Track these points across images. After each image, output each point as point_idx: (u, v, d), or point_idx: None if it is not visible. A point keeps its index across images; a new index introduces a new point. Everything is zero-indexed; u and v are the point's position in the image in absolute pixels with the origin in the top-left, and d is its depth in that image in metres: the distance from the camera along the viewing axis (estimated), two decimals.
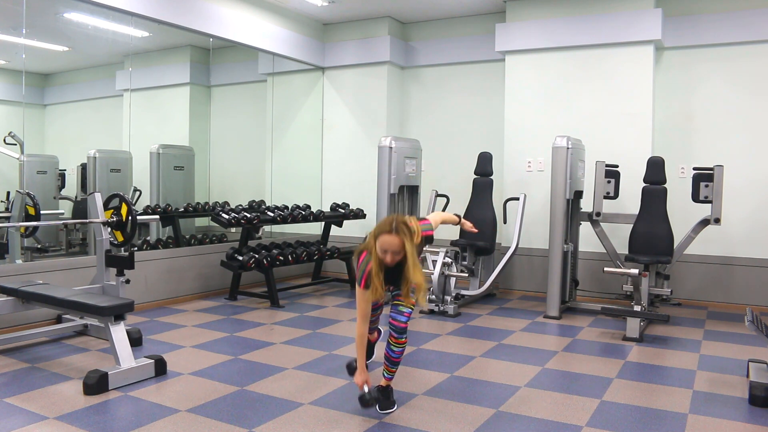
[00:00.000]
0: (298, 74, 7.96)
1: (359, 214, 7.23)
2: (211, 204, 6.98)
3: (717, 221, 5.27)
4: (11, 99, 6.20)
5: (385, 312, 3.37)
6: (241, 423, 3.05)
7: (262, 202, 7.35)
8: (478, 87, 7.28)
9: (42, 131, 7.19)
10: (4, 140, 5.69)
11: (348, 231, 7.48)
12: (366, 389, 3.12)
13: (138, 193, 6.79)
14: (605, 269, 5.05)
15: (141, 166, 6.75)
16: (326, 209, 7.33)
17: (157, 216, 6.26)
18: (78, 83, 7.46)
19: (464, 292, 5.90)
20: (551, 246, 5.54)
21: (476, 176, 6.47)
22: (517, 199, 6.09)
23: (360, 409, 3.23)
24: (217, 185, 7.60)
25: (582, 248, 6.19)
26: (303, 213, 6.69)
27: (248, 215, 6.09)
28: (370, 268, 3.04)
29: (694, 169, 5.42)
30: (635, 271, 4.84)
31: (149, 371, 3.67)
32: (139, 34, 6.46)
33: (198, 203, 6.97)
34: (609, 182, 5.70)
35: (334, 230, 7.28)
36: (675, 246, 5.48)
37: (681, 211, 5.95)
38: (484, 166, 6.42)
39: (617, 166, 5.80)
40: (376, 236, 3.00)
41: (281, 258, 6.07)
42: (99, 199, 4.56)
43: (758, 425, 3.11)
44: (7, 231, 5.33)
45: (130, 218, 4.48)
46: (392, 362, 3.23)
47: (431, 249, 5.90)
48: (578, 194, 5.79)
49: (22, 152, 5.66)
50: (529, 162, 6.57)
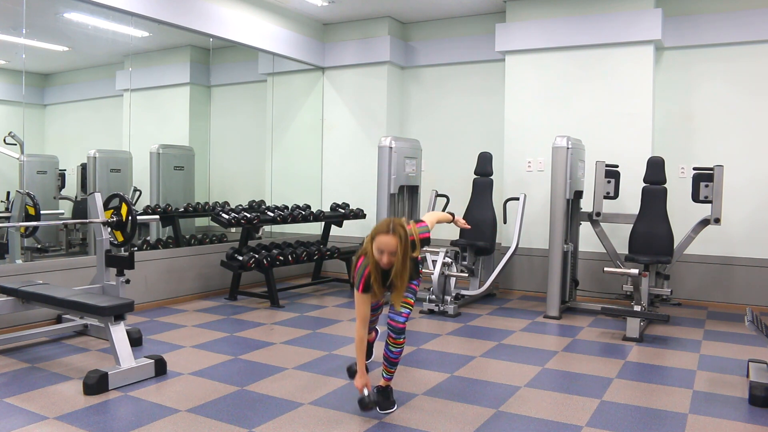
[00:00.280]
0: (298, 74, 7.96)
1: (359, 214, 7.23)
2: (211, 204, 6.98)
3: (717, 221, 5.27)
4: (11, 99, 6.20)
5: (384, 312, 3.37)
6: (241, 423, 3.05)
7: (262, 202, 7.35)
8: (478, 87, 7.28)
9: (42, 131, 7.19)
10: (4, 140, 5.69)
11: (348, 231, 7.49)
12: (366, 392, 3.12)
13: (138, 193, 6.79)
14: (605, 269, 5.05)
15: (141, 166, 6.75)
16: (326, 209, 7.34)
17: (157, 216, 6.26)
18: (78, 83, 7.46)
19: (464, 292, 5.90)
20: (551, 246, 5.54)
21: (476, 176, 6.47)
22: (517, 199, 6.09)
23: (360, 409, 3.23)
24: (217, 185, 7.60)
25: (582, 248, 6.19)
26: (303, 213, 6.69)
27: (248, 215, 6.09)
28: (368, 273, 3.04)
29: (694, 169, 5.42)
30: (635, 271, 4.84)
31: (149, 371, 3.67)
32: (139, 34, 6.46)
33: (198, 203, 6.97)
34: (609, 182, 5.70)
35: (334, 230, 7.28)
36: (675, 246, 5.48)
37: (681, 211, 5.95)
38: (484, 166, 6.42)
39: (617, 166, 5.80)
40: (373, 237, 3.01)
41: (281, 258, 6.07)
42: (99, 199, 4.56)
43: (758, 425, 3.11)
44: (7, 231, 5.33)
45: (130, 218, 4.48)
46: (391, 362, 3.23)
47: (431, 249, 5.90)
48: (578, 194, 5.79)
49: (22, 152, 5.66)
50: (529, 162, 6.57)
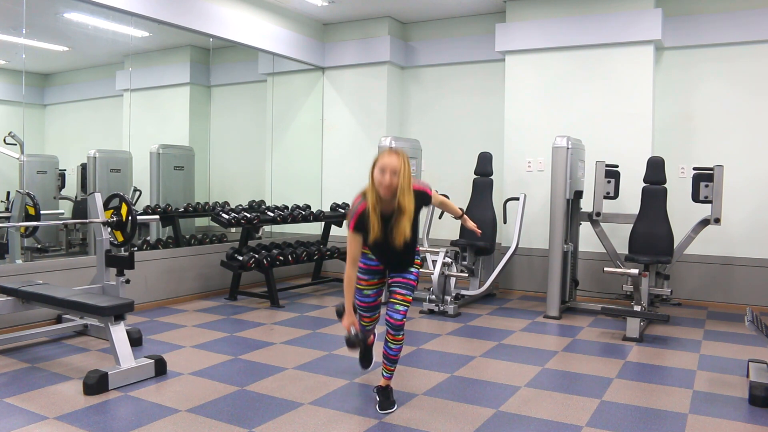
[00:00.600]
0: (298, 74, 7.96)
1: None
2: (211, 204, 6.98)
3: (717, 221, 5.27)
4: (11, 99, 6.20)
5: (381, 313, 3.37)
6: (241, 423, 3.05)
7: (262, 202, 7.35)
8: (478, 87, 7.28)
9: (42, 131, 7.20)
10: (4, 140, 5.69)
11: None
12: (353, 331, 3.12)
13: (138, 193, 6.79)
14: (605, 269, 5.05)
15: (141, 166, 6.75)
16: (326, 209, 7.34)
17: (157, 216, 6.26)
18: (78, 83, 7.47)
19: (464, 292, 5.90)
20: (551, 246, 5.54)
21: (476, 176, 6.47)
22: (517, 199, 6.09)
23: (360, 409, 3.23)
24: (217, 185, 7.60)
25: (582, 248, 6.19)
26: (303, 213, 6.69)
27: (248, 215, 6.09)
28: (364, 207, 3.02)
29: (694, 169, 5.42)
30: (635, 271, 4.84)
31: (149, 371, 3.67)
32: (139, 34, 6.46)
33: (198, 203, 6.97)
34: (609, 182, 5.70)
35: (334, 230, 7.28)
36: (675, 246, 5.48)
37: (681, 211, 5.95)
38: (484, 166, 6.42)
39: (617, 166, 5.80)
40: (375, 162, 3.00)
41: (281, 258, 6.07)
42: (99, 199, 4.56)
43: (758, 425, 3.11)
44: (7, 231, 5.33)
45: (130, 218, 4.48)
46: (390, 360, 3.24)
47: (431, 249, 5.91)
48: (578, 194, 5.79)
49: (22, 152, 5.66)
50: (529, 162, 6.57)
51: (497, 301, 6.26)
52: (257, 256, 5.88)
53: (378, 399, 3.26)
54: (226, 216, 5.95)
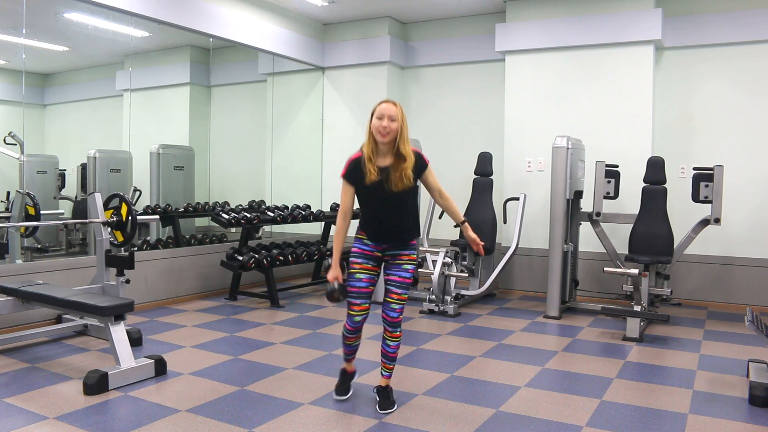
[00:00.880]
0: (298, 74, 7.96)
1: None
2: (211, 204, 6.99)
3: (717, 221, 5.27)
4: (11, 99, 6.21)
5: (380, 312, 3.37)
6: (241, 423, 3.05)
7: (262, 202, 7.35)
8: (478, 87, 7.28)
9: (42, 131, 7.20)
10: (4, 140, 5.69)
11: (348, 231, 7.47)
12: (335, 285, 3.16)
13: (138, 193, 6.80)
14: (605, 269, 5.05)
15: (141, 166, 6.75)
16: (326, 209, 7.33)
17: (157, 216, 6.26)
18: (78, 83, 7.47)
19: (464, 292, 5.90)
20: (551, 246, 5.54)
21: (476, 176, 6.47)
22: (517, 199, 6.09)
23: (360, 409, 3.23)
24: (217, 185, 7.60)
25: (582, 248, 6.19)
26: (303, 213, 6.68)
27: (248, 215, 6.09)
28: (359, 155, 3.10)
29: (694, 169, 5.42)
30: (635, 271, 4.84)
31: (149, 371, 3.67)
32: (139, 34, 6.46)
33: (198, 203, 6.97)
34: (609, 182, 5.70)
35: (334, 230, 7.27)
36: (675, 246, 5.48)
37: (681, 211, 5.95)
38: (484, 166, 6.42)
39: (617, 166, 5.80)
40: (373, 112, 3.06)
41: (281, 258, 6.07)
42: (99, 199, 4.56)
43: (758, 425, 3.11)
44: (7, 231, 5.33)
45: (130, 218, 4.48)
46: (389, 358, 3.23)
47: (431, 249, 5.91)
48: (578, 194, 5.79)
49: (22, 152, 5.66)
50: (529, 162, 6.57)
51: (497, 301, 6.26)
52: (257, 256, 5.88)
53: (378, 399, 3.26)
54: (226, 216, 5.95)
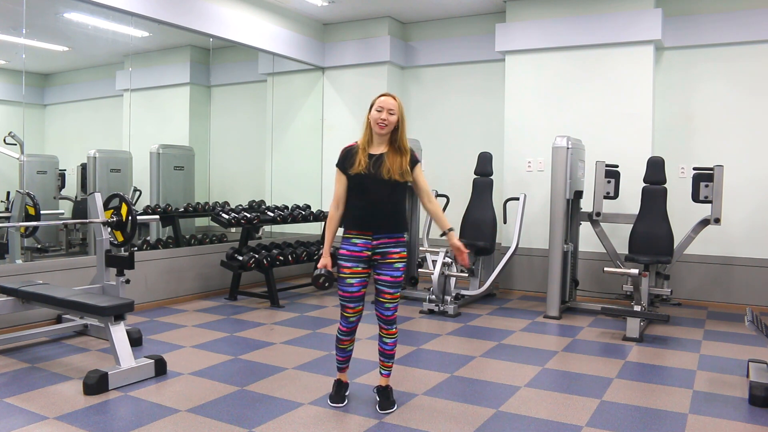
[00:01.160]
0: (298, 74, 7.96)
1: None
2: (211, 204, 6.98)
3: (717, 221, 5.27)
4: (11, 99, 6.20)
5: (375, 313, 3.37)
6: (241, 423, 3.05)
7: (262, 202, 7.35)
8: (478, 87, 7.28)
9: (42, 131, 7.20)
10: (4, 140, 5.69)
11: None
12: (323, 270, 3.15)
13: (138, 193, 6.79)
14: (605, 269, 5.05)
15: (141, 166, 6.75)
16: (326, 209, 7.33)
17: (157, 216, 6.25)
18: (78, 83, 7.47)
19: (464, 292, 5.90)
20: (551, 246, 5.54)
21: (476, 176, 6.47)
22: (517, 199, 6.09)
23: (360, 409, 3.23)
24: (217, 185, 7.60)
25: (582, 248, 6.19)
26: (303, 213, 6.68)
27: (248, 215, 6.09)
28: (353, 144, 3.16)
29: (694, 169, 5.42)
30: (635, 271, 4.84)
31: (149, 371, 3.67)
32: (139, 34, 6.46)
33: (198, 203, 6.97)
34: (609, 182, 5.70)
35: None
36: (675, 246, 5.48)
37: (681, 211, 5.95)
38: (484, 166, 6.42)
39: (617, 166, 5.80)
40: (372, 103, 3.10)
41: (281, 258, 6.07)
42: (99, 199, 4.56)
43: (758, 425, 3.11)
44: (7, 231, 5.33)
45: (130, 218, 4.48)
46: (387, 356, 3.23)
47: (431, 249, 5.91)
48: (578, 194, 5.79)
49: (22, 152, 5.66)
50: (529, 162, 6.57)
51: (497, 301, 6.26)
52: (257, 256, 5.88)
53: (378, 399, 3.26)
54: (226, 216, 5.95)
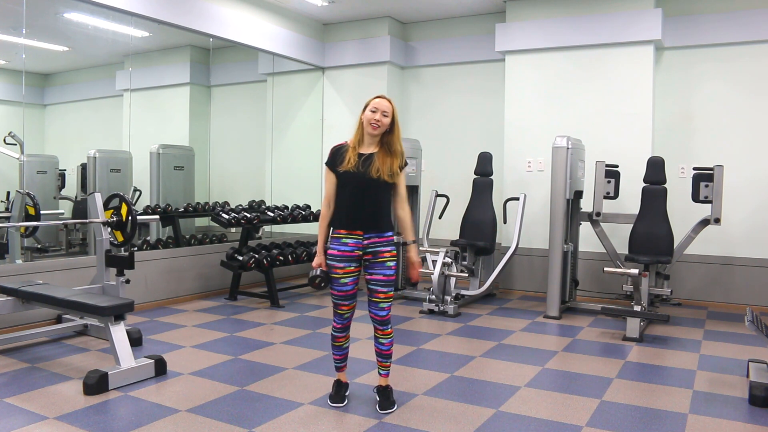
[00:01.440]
0: (298, 74, 7.96)
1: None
2: (211, 204, 6.98)
3: (717, 221, 5.27)
4: (11, 99, 6.20)
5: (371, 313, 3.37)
6: (241, 423, 3.05)
7: (262, 202, 7.34)
8: (478, 87, 7.28)
9: (42, 131, 7.20)
10: (4, 140, 5.69)
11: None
12: (318, 271, 3.17)
13: (138, 193, 6.79)
14: (605, 269, 5.05)
15: (141, 166, 6.75)
16: None
17: (157, 216, 6.26)
18: (78, 83, 7.47)
19: (464, 292, 5.90)
20: (551, 246, 5.54)
21: (476, 176, 6.47)
22: (517, 199, 6.09)
23: (360, 409, 3.23)
24: (217, 185, 7.60)
25: (582, 248, 6.19)
26: (303, 213, 6.68)
27: (248, 215, 6.09)
28: (344, 143, 3.21)
29: (694, 169, 5.42)
30: (635, 271, 4.84)
31: (149, 371, 3.67)
32: (139, 34, 6.46)
33: (198, 203, 6.97)
34: (609, 182, 5.70)
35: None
36: (675, 246, 5.48)
37: (681, 211, 5.95)
38: (484, 166, 6.42)
39: (617, 166, 5.80)
40: (367, 105, 3.14)
41: (281, 258, 6.07)
42: (99, 199, 4.56)
43: (758, 425, 3.11)
44: (7, 231, 5.33)
45: (130, 218, 4.48)
46: (384, 355, 3.23)
47: (431, 249, 5.90)
48: (578, 194, 5.79)
49: (22, 152, 5.66)
50: (529, 162, 6.57)
51: (497, 301, 6.26)
52: (257, 256, 5.88)
53: (378, 399, 3.26)
54: (226, 216, 5.95)
